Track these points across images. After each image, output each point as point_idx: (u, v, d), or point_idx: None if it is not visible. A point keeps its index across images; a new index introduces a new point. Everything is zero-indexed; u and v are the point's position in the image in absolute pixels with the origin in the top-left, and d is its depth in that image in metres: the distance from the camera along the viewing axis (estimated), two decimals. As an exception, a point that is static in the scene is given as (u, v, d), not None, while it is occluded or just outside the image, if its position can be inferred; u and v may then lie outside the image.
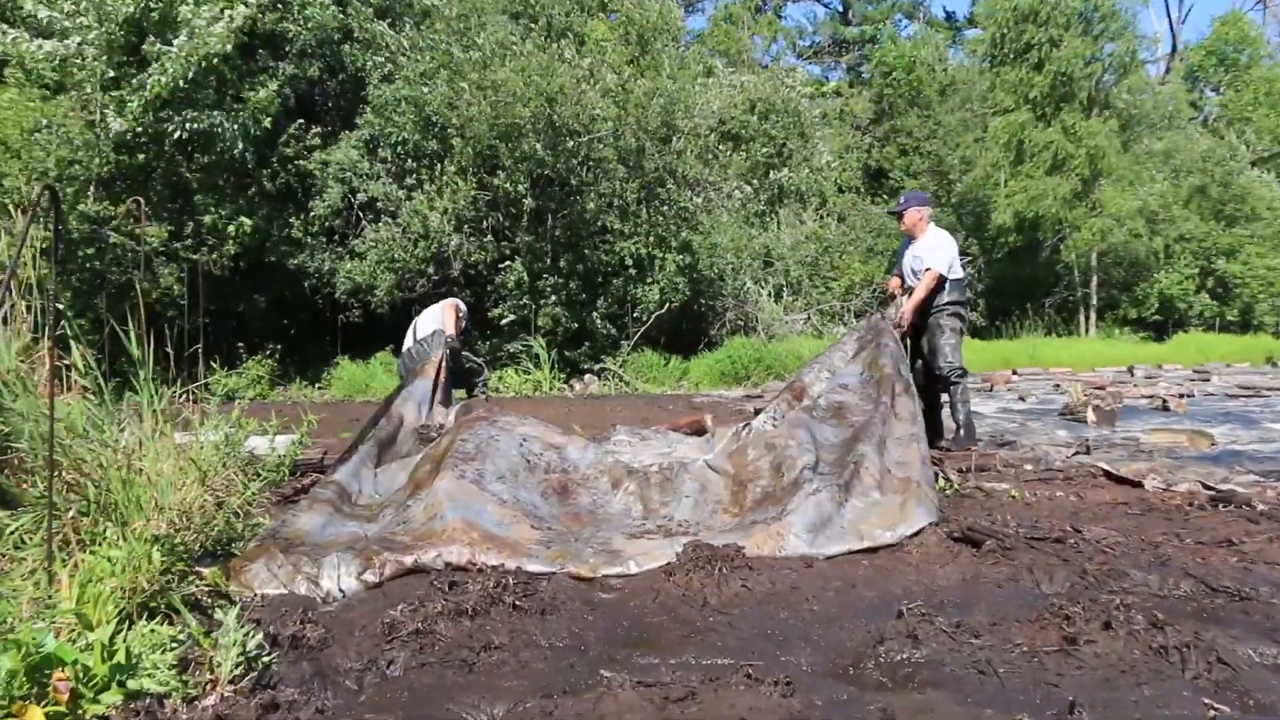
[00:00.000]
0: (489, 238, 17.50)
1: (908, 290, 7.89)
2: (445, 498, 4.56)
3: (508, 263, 17.24)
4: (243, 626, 2.90)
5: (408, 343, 8.46)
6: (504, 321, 17.30)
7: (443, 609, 3.37)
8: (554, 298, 17.30)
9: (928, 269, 7.65)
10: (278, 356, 16.88)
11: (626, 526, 4.71)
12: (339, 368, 16.67)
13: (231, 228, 16.00)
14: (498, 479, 4.90)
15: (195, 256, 15.60)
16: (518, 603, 3.48)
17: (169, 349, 4.53)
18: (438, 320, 8.41)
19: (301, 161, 17.90)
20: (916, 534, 4.51)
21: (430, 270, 17.23)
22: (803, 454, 5.15)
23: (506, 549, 4.15)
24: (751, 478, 5.15)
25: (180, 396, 4.74)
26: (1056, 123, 27.94)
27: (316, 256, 17.82)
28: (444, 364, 7.07)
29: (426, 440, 5.91)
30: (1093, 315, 28.66)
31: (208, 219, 15.80)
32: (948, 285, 7.73)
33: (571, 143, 16.75)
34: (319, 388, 16.62)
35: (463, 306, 8.77)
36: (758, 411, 9.05)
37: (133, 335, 4.18)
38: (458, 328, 8.41)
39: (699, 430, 7.74)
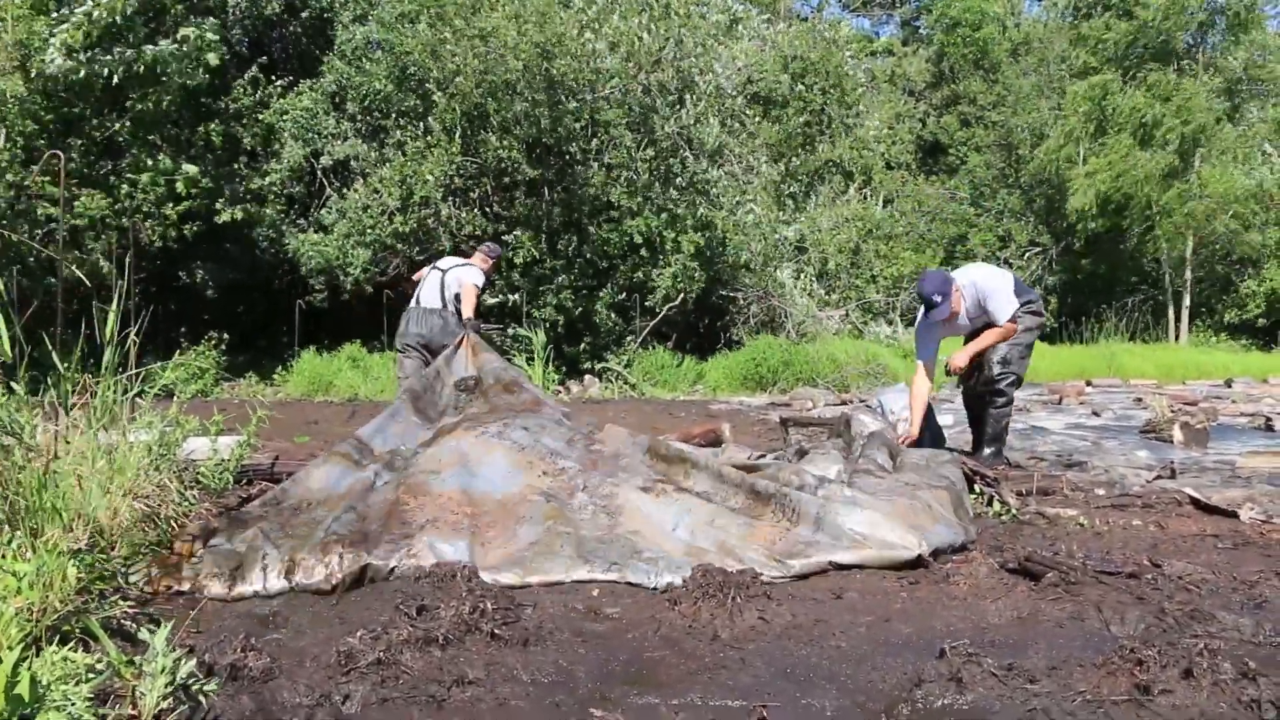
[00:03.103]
0: (477, 210, 17.49)
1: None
2: (455, 457, 5.27)
3: (514, 234, 17.18)
4: (173, 651, 2.91)
5: (432, 299, 9.91)
6: (491, 303, 17.26)
7: (409, 637, 3.39)
8: (554, 282, 17.26)
9: (1002, 322, 7.50)
10: (225, 346, 16.89)
11: (639, 479, 5.20)
12: (299, 360, 16.65)
13: (178, 184, 15.93)
14: (522, 428, 5.56)
15: (128, 221, 15.55)
16: (497, 631, 3.50)
17: (96, 334, 4.55)
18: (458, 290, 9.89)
19: (257, 115, 17.93)
20: (952, 553, 4.63)
21: (412, 248, 17.17)
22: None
23: (499, 515, 4.81)
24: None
25: (111, 389, 4.76)
26: (1142, 83, 27.71)
27: (274, 228, 17.84)
28: (469, 340, 7.80)
29: (466, 390, 6.81)
30: (1185, 318, 28.54)
31: (144, 177, 15.75)
32: (1013, 286, 7.68)
33: (573, 103, 16.74)
34: (273, 384, 16.63)
35: (480, 280, 9.98)
36: (784, 422, 9.12)
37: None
38: (478, 302, 9.88)
39: (714, 441, 7.81)
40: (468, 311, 9.60)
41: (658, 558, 4.49)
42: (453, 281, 9.86)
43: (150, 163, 15.92)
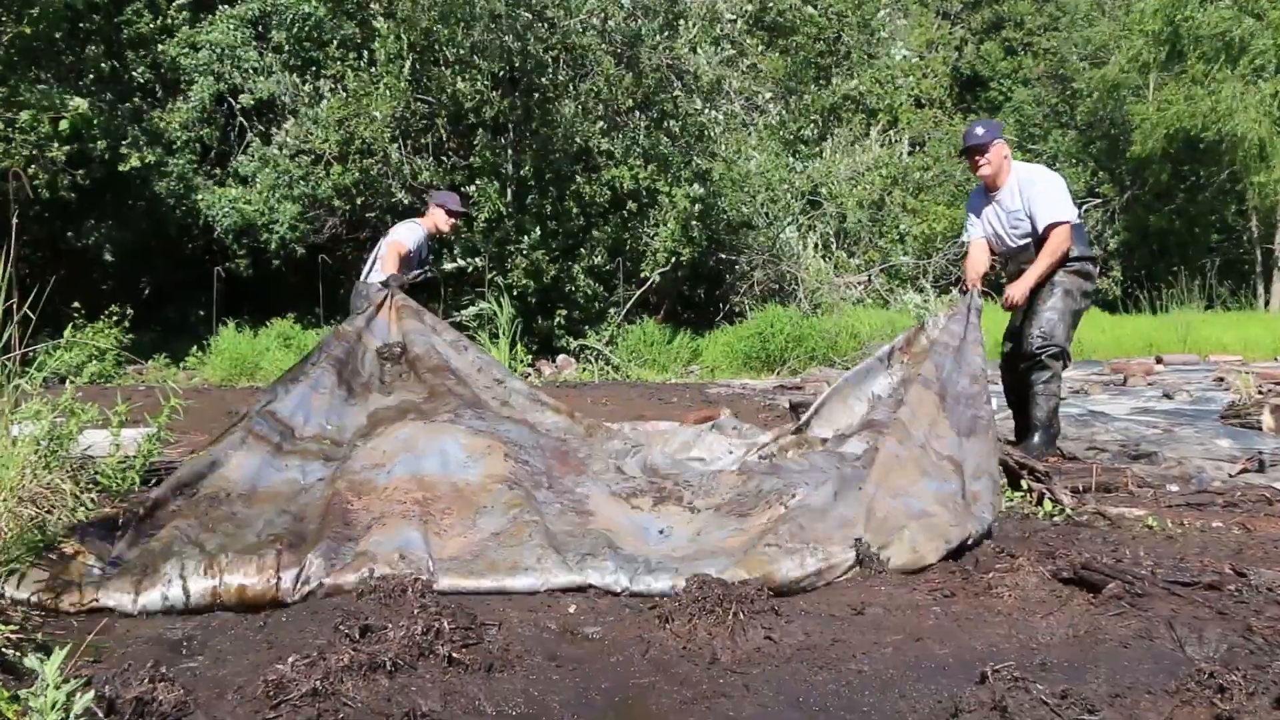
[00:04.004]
0: (431, 158, 17.40)
1: (1009, 259, 7.93)
2: (402, 445, 5.44)
3: (475, 185, 17.07)
4: (66, 683, 2.89)
5: (366, 271, 10.02)
6: (448, 269, 17.19)
7: (350, 662, 3.37)
8: (524, 244, 17.16)
9: (1053, 223, 7.54)
10: (129, 322, 16.78)
11: (615, 484, 5.54)
12: (218, 339, 16.58)
13: (63, 123, 15.70)
14: (478, 418, 5.86)
15: (7, 162, 15.33)
16: (455, 654, 3.49)
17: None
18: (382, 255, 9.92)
19: (160, 46, 17.79)
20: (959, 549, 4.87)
21: (357, 204, 17.03)
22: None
23: (454, 502, 5.03)
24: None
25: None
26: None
27: (182, 180, 17.70)
28: (392, 300, 7.86)
29: (391, 359, 6.93)
30: (1276, 282, 28.53)
31: (24, 115, 15.54)
32: (1071, 208, 7.71)
33: (543, 27, 16.65)
34: (186, 366, 16.57)
35: (408, 240, 9.92)
36: (794, 408, 9.15)
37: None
38: (405, 261, 9.76)
39: (713, 430, 7.81)
40: (387, 269, 9.55)
41: (637, 556, 4.63)
42: (381, 245, 9.92)
43: (30, 97, 15.69)
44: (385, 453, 5.39)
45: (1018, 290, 7.58)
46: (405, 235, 9.90)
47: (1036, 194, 7.60)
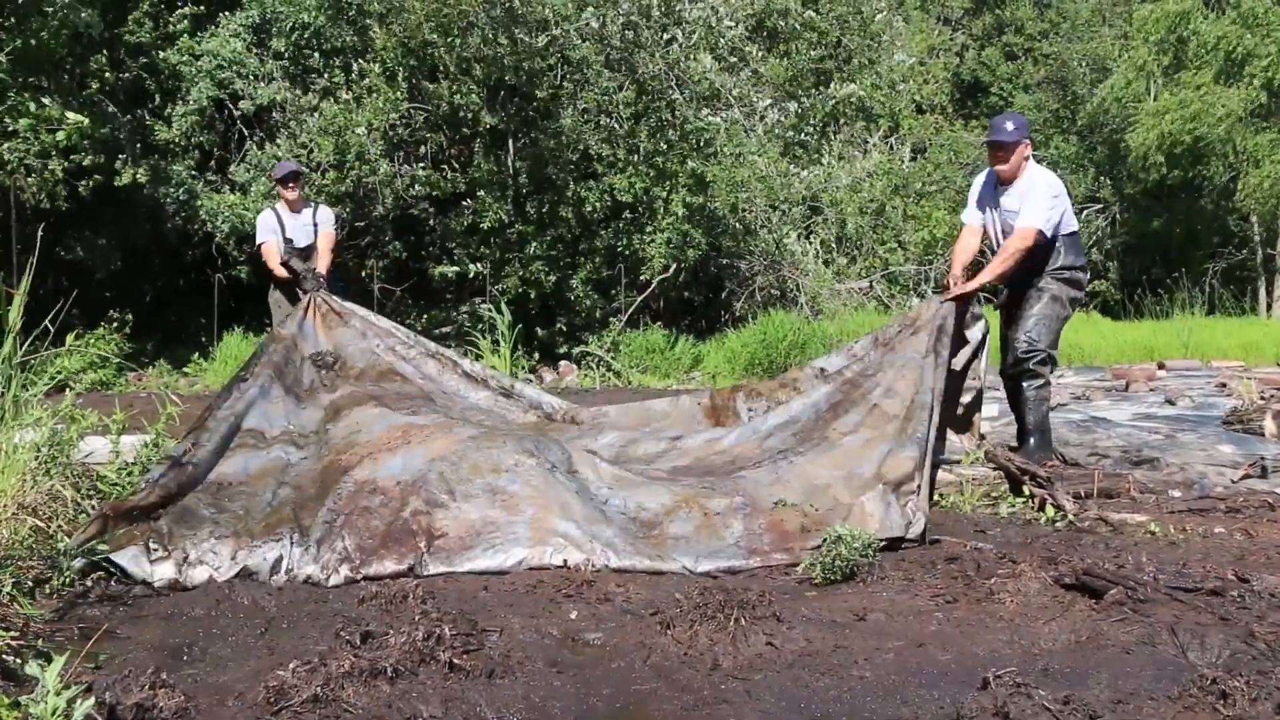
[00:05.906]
0: (429, 167, 17.37)
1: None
2: (372, 416, 6.29)
3: (476, 195, 17.02)
4: (66, 689, 2.89)
5: None
6: (445, 276, 17.11)
7: (351, 668, 3.38)
8: (524, 252, 17.11)
9: (1026, 227, 7.51)
10: (129, 330, 16.73)
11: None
12: (220, 345, 16.50)
13: (59, 134, 15.59)
14: (433, 411, 6.56)
15: (7, 180, 15.28)
16: (456, 660, 3.50)
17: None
18: None
19: (161, 53, 17.75)
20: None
21: (344, 210, 17.05)
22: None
23: (434, 427, 5.99)
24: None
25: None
26: (1231, 8, 27.50)
27: (184, 188, 17.66)
28: (312, 302, 8.07)
29: (325, 366, 7.30)
30: (1278, 288, 28.50)
31: (23, 123, 15.46)
32: (1061, 244, 7.69)
33: (541, 38, 16.63)
34: (187, 373, 16.54)
35: (262, 231, 10.67)
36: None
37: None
38: (285, 245, 10.45)
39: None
40: (271, 267, 10.40)
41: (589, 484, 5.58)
42: None
43: (31, 108, 15.61)
44: (360, 422, 6.24)
45: (965, 288, 7.58)
46: (258, 231, 10.66)
47: (1030, 200, 7.58)
